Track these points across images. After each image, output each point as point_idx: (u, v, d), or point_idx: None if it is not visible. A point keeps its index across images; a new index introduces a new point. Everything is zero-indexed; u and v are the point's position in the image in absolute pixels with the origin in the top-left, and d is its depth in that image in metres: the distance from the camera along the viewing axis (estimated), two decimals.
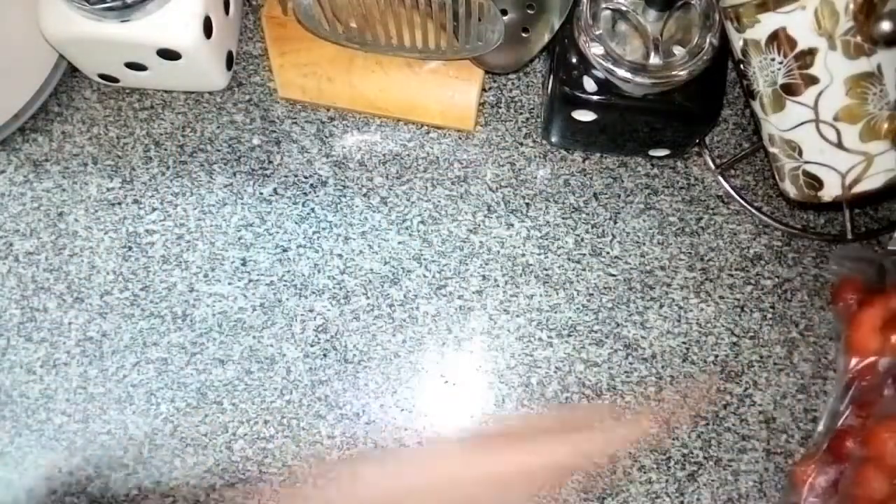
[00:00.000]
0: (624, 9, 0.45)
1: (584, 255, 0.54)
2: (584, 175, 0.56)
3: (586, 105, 0.48)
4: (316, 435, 0.51)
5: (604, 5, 0.45)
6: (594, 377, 0.52)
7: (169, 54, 0.50)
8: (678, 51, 0.45)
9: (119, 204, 0.55)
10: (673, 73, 0.44)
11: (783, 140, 0.46)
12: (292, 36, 0.53)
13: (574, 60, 0.47)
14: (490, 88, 0.57)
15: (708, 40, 0.44)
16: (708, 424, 0.52)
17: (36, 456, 0.51)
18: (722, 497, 0.51)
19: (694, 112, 0.48)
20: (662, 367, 0.53)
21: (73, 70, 0.56)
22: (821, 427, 0.49)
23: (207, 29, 0.50)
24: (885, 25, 0.38)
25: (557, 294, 0.54)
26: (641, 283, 0.54)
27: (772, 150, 0.48)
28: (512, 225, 0.55)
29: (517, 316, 0.53)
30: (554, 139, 0.55)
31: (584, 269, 0.54)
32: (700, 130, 0.53)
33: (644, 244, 0.55)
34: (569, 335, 0.53)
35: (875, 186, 0.44)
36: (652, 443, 0.51)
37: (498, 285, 0.54)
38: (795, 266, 0.54)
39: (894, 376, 0.45)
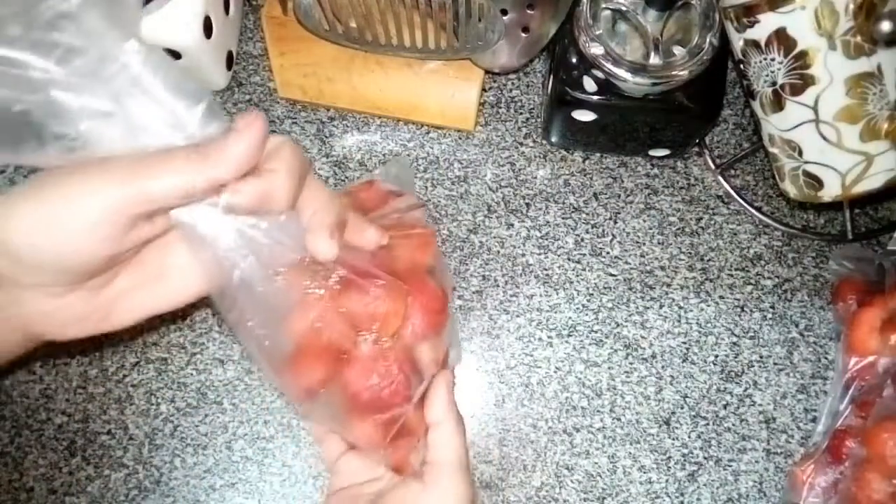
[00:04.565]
0: (624, 9, 0.45)
1: (584, 255, 0.54)
2: (584, 175, 0.56)
3: (586, 105, 0.48)
4: None
5: (604, 5, 0.45)
6: (594, 377, 0.52)
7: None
8: (678, 51, 0.45)
9: None
10: (673, 73, 0.44)
11: (783, 140, 0.46)
12: (292, 36, 0.53)
13: (574, 60, 0.47)
14: (490, 88, 0.57)
15: (708, 40, 0.44)
16: (708, 424, 0.52)
17: (36, 456, 0.51)
18: (722, 497, 0.51)
19: (694, 112, 0.48)
20: (662, 367, 0.53)
21: None
22: (821, 427, 0.49)
23: (207, 29, 0.50)
24: (885, 25, 0.38)
25: (557, 294, 0.54)
26: (641, 283, 0.54)
27: (772, 150, 0.48)
28: (512, 225, 0.55)
29: (517, 316, 0.53)
30: (554, 139, 0.55)
31: (584, 269, 0.54)
32: (700, 130, 0.53)
33: (644, 244, 0.55)
34: (569, 335, 0.53)
35: (875, 186, 0.44)
36: (652, 443, 0.51)
37: (498, 285, 0.54)
38: (795, 266, 0.54)
39: (894, 376, 0.45)
